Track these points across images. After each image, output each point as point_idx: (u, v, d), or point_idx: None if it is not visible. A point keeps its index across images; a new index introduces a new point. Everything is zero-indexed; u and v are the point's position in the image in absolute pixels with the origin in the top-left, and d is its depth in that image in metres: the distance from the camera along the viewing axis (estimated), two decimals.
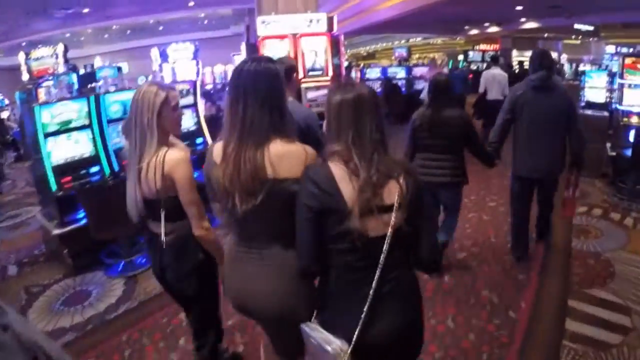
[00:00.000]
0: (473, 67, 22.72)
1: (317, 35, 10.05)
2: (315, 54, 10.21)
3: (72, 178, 5.51)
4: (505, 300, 4.40)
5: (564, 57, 25.76)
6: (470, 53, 24.50)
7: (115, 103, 6.04)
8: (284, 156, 1.97)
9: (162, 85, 2.59)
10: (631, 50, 28.28)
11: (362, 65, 35.38)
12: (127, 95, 6.12)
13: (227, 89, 2.10)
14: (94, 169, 5.74)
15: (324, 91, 9.89)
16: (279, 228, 2.05)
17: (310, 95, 10.15)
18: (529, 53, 26.81)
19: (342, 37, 10.79)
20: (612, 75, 10.85)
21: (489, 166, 4.71)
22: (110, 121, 5.95)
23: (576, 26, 23.21)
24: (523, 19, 22.03)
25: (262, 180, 1.95)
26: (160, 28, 28.19)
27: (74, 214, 5.49)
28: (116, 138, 5.98)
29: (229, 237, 2.27)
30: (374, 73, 16.07)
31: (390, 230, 1.80)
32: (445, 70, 15.72)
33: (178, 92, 2.85)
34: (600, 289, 4.56)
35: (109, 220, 4.95)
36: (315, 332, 1.89)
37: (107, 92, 6.11)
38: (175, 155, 2.48)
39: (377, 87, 15.04)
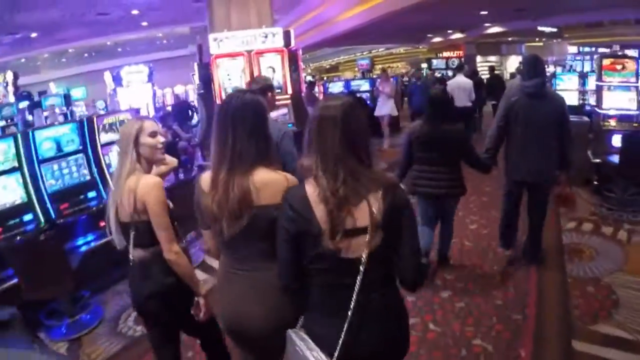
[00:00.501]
0: (437, 74, 22.35)
1: (274, 52, 9.49)
2: (272, 70, 9.64)
3: (3, 229, 4.80)
4: (501, 350, 3.80)
5: None
6: (434, 61, 24.06)
7: (47, 140, 5.35)
8: (267, 184, 2.10)
9: (139, 117, 2.99)
10: (593, 49, 28.94)
11: (325, 78, 35.20)
12: (60, 131, 5.51)
13: (214, 120, 2.22)
14: (27, 217, 5.03)
15: (284, 110, 9.38)
16: (265, 251, 2.14)
17: (270, 115, 9.53)
18: (493, 58, 27.18)
19: (300, 52, 10.20)
20: (582, 77, 10.56)
21: (485, 173, 4.89)
22: (43, 161, 5.28)
23: (540, 28, 23.23)
24: (487, 24, 21.85)
25: (248, 205, 2.08)
26: (119, 50, 27.47)
27: (3, 271, 4.69)
28: (51, 179, 5.33)
29: (220, 260, 2.37)
30: (336, 87, 15.36)
31: (364, 252, 1.82)
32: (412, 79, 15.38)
33: (154, 120, 2.98)
34: (606, 323, 4.02)
35: (42, 278, 4.35)
36: (301, 340, 1.93)
37: (41, 127, 5.53)
38: (149, 181, 2.61)
39: None
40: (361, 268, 1.82)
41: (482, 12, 17.42)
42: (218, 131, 2.17)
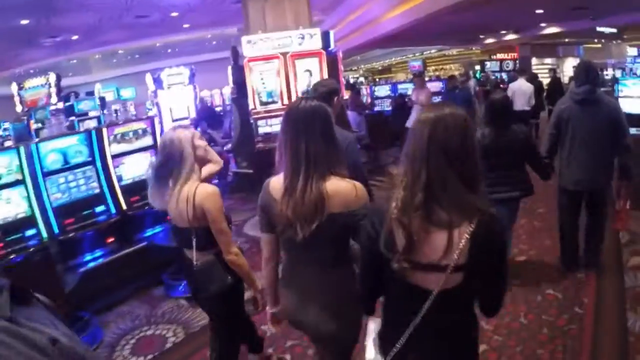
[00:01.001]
0: (491, 77, 21.39)
1: (311, 55, 9.01)
2: (309, 74, 9.17)
3: (4, 245, 4.47)
4: None
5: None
6: (488, 63, 23.10)
7: (54, 152, 5.03)
8: (338, 192, 2.15)
9: (186, 127, 3.20)
10: None
11: (376, 80, 34.54)
12: (66, 142, 5.17)
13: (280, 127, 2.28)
14: (30, 232, 4.68)
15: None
16: (330, 255, 2.28)
17: (262, 130, 9.09)
18: (549, 60, 25.94)
19: (340, 54, 9.68)
20: None
21: (545, 179, 4.74)
22: (48, 173, 4.97)
23: (599, 29, 21.83)
24: (543, 24, 20.65)
25: (322, 211, 2.12)
26: (169, 51, 27.51)
27: None
28: (56, 193, 5.01)
29: (284, 262, 2.47)
30: (383, 91, 14.67)
31: (436, 290, 1.69)
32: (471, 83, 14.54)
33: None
34: None
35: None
36: (374, 335, 2.03)
37: (46, 138, 5.25)
38: (208, 189, 2.80)
39: (387, 105, 13.98)
40: (429, 301, 1.70)
41: (538, 11, 16.29)
42: (289, 138, 2.20)
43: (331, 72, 9.00)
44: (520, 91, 10.78)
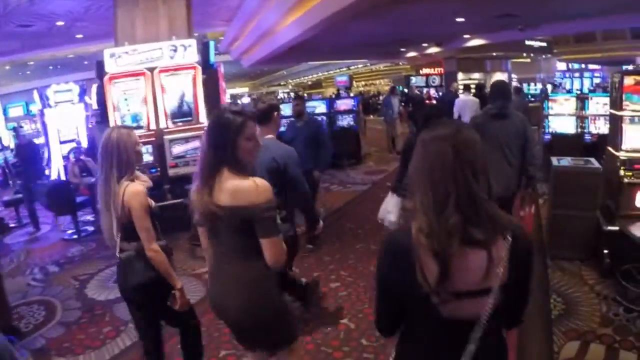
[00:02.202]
0: (416, 91, 20.27)
1: (183, 70, 7.40)
2: (182, 93, 7.56)
3: None
4: None
5: (515, 78, 23.90)
6: (413, 78, 22.11)
7: None
8: (237, 188, 2.31)
9: (125, 126, 3.73)
10: (583, 66, 27.16)
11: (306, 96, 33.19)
12: None
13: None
14: None
15: (195, 143, 7.17)
16: (241, 246, 2.42)
17: (177, 150, 7.40)
18: (476, 75, 25.10)
19: (221, 68, 8.13)
20: (582, 99, 8.62)
21: None
22: None
23: (528, 42, 21.14)
24: (466, 36, 19.13)
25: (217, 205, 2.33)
26: (85, 62, 25.32)
27: None
28: None
29: (210, 255, 2.66)
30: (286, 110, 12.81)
31: (483, 316, 1.53)
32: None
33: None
34: None
35: None
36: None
37: None
38: (133, 188, 2.95)
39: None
40: (476, 333, 1.52)
41: (458, 19, 14.47)
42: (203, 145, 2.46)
43: (211, 89, 7.47)
44: (466, 106, 10.87)
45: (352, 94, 21.49)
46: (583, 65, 26.90)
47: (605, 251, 4.83)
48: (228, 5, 13.51)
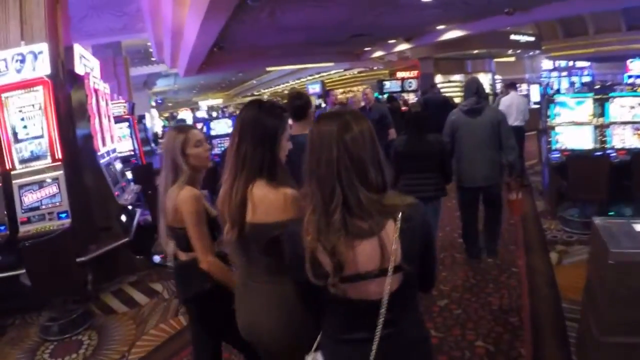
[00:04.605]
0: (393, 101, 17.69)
1: (27, 87, 5.16)
2: (27, 118, 5.27)
3: None
4: (503, 350, 3.88)
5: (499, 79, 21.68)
6: (387, 83, 19.57)
7: None
8: (262, 200, 2.08)
9: (180, 127, 3.02)
10: (570, 64, 25.09)
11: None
12: None
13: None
14: None
15: (52, 189, 5.02)
16: (271, 265, 2.14)
17: (29, 199, 5.18)
18: (457, 77, 22.68)
19: (88, 80, 5.77)
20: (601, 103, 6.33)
21: (448, 182, 5.09)
22: None
23: (513, 37, 18.75)
24: (440, 27, 15.36)
25: (242, 214, 2.10)
26: None
27: None
28: None
29: (237, 281, 2.42)
30: (220, 126, 10.18)
31: (384, 296, 1.63)
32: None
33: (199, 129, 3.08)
34: None
35: None
36: None
37: None
38: (188, 193, 2.68)
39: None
40: (382, 310, 1.62)
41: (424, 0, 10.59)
42: (234, 142, 2.19)
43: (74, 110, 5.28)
44: (513, 106, 9.30)
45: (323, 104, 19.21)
46: (571, 63, 25.02)
47: None
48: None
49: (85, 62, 6.16)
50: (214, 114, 32.83)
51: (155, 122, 30.02)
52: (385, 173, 1.65)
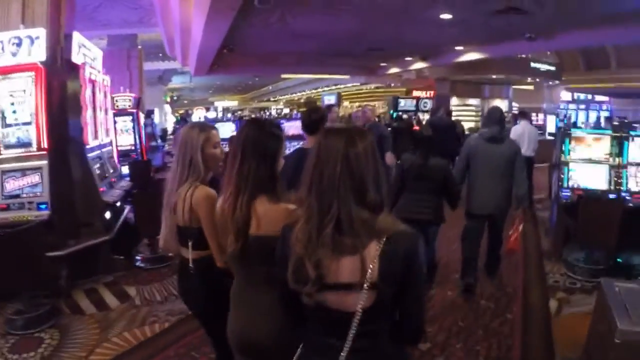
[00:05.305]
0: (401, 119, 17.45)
1: (18, 71, 5.04)
2: (17, 103, 5.13)
3: None
4: None
5: (515, 107, 21.26)
6: (402, 101, 19.37)
7: None
8: (266, 214, 2.19)
9: (203, 125, 2.99)
10: (589, 97, 24.70)
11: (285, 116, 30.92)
12: None
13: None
14: None
15: (34, 178, 4.95)
16: (269, 274, 2.12)
17: (11, 186, 5.03)
18: (473, 101, 22.45)
19: (83, 70, 5.63)
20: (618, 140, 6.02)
21: (454, 208, 5.22)
22: None
23: (533, 65, 18.24)
24: (459, 47, 14.74)
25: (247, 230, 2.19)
26: None
27: None
28: None
29: (233, 284, 2.45)
30: (224, 129, 10.22)
31: (358, 310, 1.65)
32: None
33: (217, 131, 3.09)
34: None
35: None
36: None
37: None
38: (203, 192, 2.72)
39: None
40: (354, 323, 1.65)
41: (444, 16, 9.93)
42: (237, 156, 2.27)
43: (68, 99, 5.31)
44: (525, 135, 9.36)
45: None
46: (590, 96, 24.65)
47: None
48: None
49: (86, 51, 5.95)
50: (221, 115, 32.87)
51: (167, 119, 29.97)
52: (383, 192, 1.69)
